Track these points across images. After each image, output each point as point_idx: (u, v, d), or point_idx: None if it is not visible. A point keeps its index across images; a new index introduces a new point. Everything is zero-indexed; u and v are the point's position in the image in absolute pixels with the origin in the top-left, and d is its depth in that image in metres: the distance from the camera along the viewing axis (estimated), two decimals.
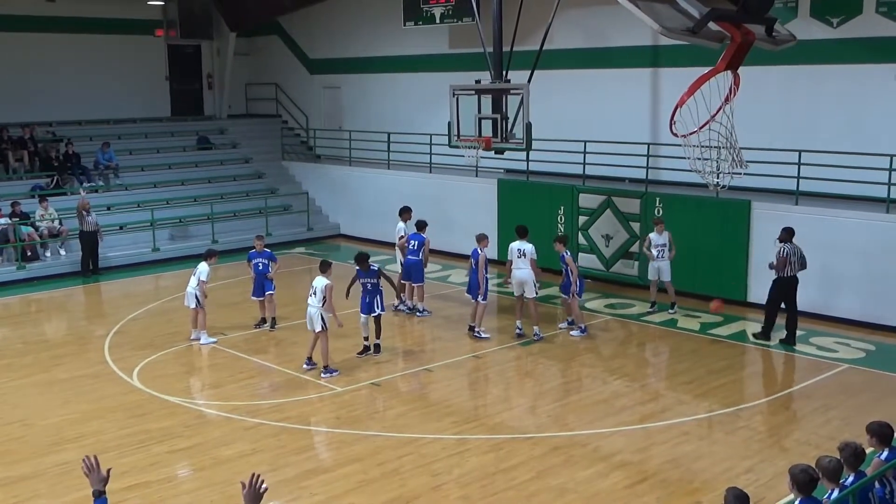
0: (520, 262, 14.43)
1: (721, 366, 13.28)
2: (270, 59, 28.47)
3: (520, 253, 14.44)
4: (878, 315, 14.32)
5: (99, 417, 11.36)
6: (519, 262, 14.44)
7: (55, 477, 9.67)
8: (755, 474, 9.46)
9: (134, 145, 24.74)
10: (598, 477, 9.53)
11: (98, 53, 25.17)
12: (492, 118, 15.54)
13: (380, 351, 13.69)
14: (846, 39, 15.85)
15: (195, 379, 13.19)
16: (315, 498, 9.14)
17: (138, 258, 20.89)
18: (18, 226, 19.39)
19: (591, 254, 18.35)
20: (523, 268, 14.37)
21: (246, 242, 22.40)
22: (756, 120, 15.15)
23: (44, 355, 14.27)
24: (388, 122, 23.89)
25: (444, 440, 10.53)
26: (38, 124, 23.27)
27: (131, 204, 22.29)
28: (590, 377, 12.92)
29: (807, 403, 11.72)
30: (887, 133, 15.37)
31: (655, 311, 15.91)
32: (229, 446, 10.38)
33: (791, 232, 13.95)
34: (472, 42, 17.29)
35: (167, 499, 9.15)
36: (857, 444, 7.21)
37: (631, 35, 18.44)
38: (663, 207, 17.18)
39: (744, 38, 11.02)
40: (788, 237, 13.93)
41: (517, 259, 14.46)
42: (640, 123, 18.69)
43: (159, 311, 16.72)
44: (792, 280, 13.90)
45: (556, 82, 18.89)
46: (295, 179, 25.97)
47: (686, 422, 11.06)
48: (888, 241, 14.28)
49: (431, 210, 20.64)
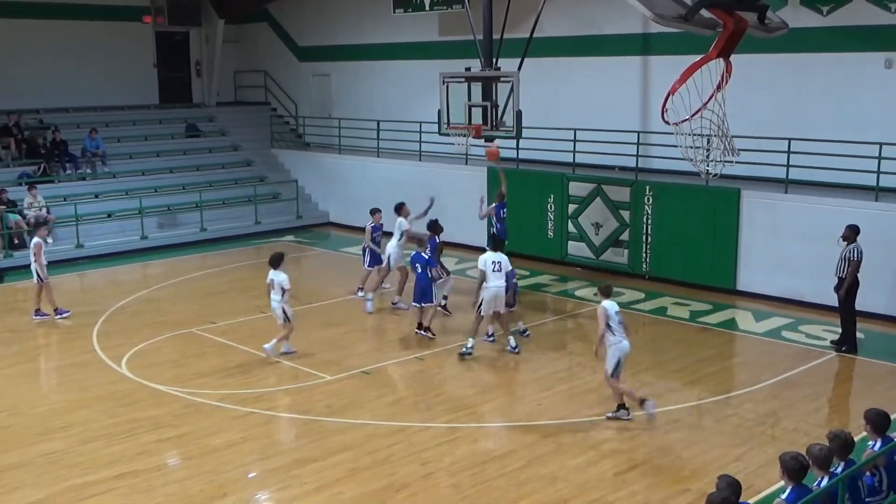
0: (495, 277, 13.02)
1: (711, 354, 13.31)
2: (259, 47, 28.30)
3: (496, 266, 13.09)
4: (865, 303, 14.33)
5: (87, 406, 11.29)
6: (494, 277, 13.01)
7: (42, 466, 9.61)
8: (745, 462, 9.49)
9: (122, 133, 24.58)
10: (588, 465, 9.54)
11: (86, 40, 24.95)
12: (482, 106, 15.48)
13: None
14: (836, 27, 15.85)
15: (184, 368, 13.12)
16: (305, 487, 9.11)
17: (126, 246, 20.76)
18: (6, 213, 19.24)
19: (580, 242, 18.35)
20: (500, 283, 13.00)
21: (234, 230, 22.43)
22: (745, 108, 15.13)
23: (31, 344, 14.19)
24: (378, 109, 23.80)
25: (435, 428, 10.52)
26: (25, 111, 23.09)
27: (119, 192, 22.15)
28: (580, 365, 12.91)
29: (796, 391, 11.75)
30: (876, 121, 15.41)
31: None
32: (219, 435, 10.34)
33: (857, 230, 13.03)
34: (461, 29, 17.22)
35: (156, 488, 9.10)
36: (846, 433, 7.24)
37: (621, 23, 18.41)
38: (653, 195, 17.18)
39: (736, 25, 10.99)
40: (854, 235, 12.97)
41: (492, 273, 13.00)
42: (631, 111, 18.67)
43: (147, 300, 16.64)
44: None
45: (546, 70, 18.84)
46: (284, 167, 25.86)
47: (676, 409, 11.08)
48: (877, 229, 14.30)
49: (421, 198, 20.61)
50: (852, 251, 12.92)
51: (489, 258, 13.12)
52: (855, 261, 12.89)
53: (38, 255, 14.97)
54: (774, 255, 15.66)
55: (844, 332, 13.28)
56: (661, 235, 17.12)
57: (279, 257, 13.07)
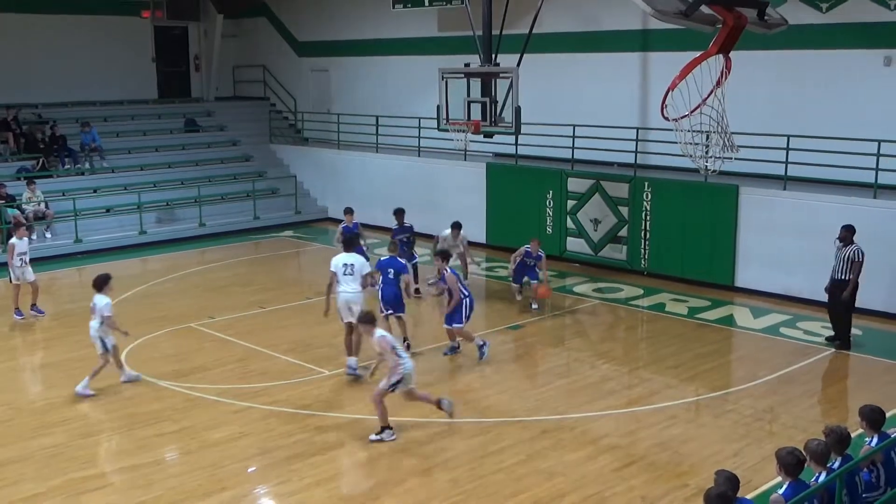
0: (346, 281, 11.85)
1: (708, 350, 13.33)
2: (258, 42, 28.28)
3: (347, 269, 11.88)
4: (863, 300, 14.35)
5: (86, 401, 11.30)
6: (345, 281, 11.85)
7: (42, 460, 9.62)
8: (743, 458, 9.51)
9: (120, 128, 24.58)
10: (586, 460, 9.56)
11: (84, 35, 24.91)
12: (481, 102, 15.49)
13: None
14: (835, 24, 15.85)
15: (183, 362, 13.13)
16: (304, 481, 9.13)
17: (125, 241, 20.77)
18: (4, 208, 19.24)
19: (579, 238, 18.37)
20: (352, 288, 11.84)
21: (233, 225, 22.44)
22: (744, 105, 15.13)
23: (30, 338, 14.19)
24: (377, 105, 23.78)
25: (433, 424, 10.53)
26: (24, 106, 23.07)
27: (118, 186, 22.16)
28: (578, 361, 12.94)
29: (794, 387, 11.78)
30: (875, 118, 15.40)
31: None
32: (217, 430, 10.35)
33: (853, 230, 12.96)
34: (461, 25, 17.21)
35: (155, 482, 9.11)
36: (842, 428, 7.26)
37: (621, 19, 18.41)
38: (651, 192, 17.20)
39: (736, 21, 10.98)
40: (851, 236, 12.86)
41: (343, 277, 11.84)
42: (630, 108, 18.68)
43: (146, 295, 16.64)
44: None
45: (545, 66, 18.83)
46: (283, 162, 25.86)
47: (674, 405, 11.10)
48: (875, 226, 14.33)
49: (420, 194, 20.65)
50: (856, 253, 12.84)
51: (341, 259, 11.96)
52: (859, 262, 12.84)
53: (11, 255, 14.64)
54: (773, 252, 15.68)
55: (838, 329, 13.28)
56: (660, 232, 17.14)
57: (103, 280, 11.66)
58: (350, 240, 12.87)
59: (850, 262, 12.86)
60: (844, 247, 12.94)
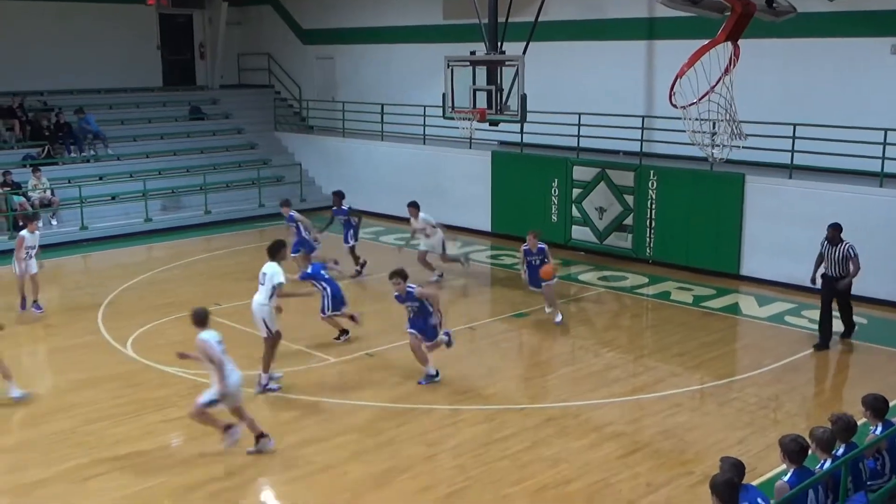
0: (259, 290, 10.97)
1: (713, 338, 13.34)
2: (263, 29, 28.22)
3: (260, 278, 10.95)
4: (870, 289, 14.35)
5: (93, 387, 11.36)
6: (259, 290, 10.97)
7: (49, 446, 9.68)
8: (747, 445, 9.53)
9: (126, 115, 24.58)
10: (591, 447, 9.59)
11: (90, 22, 24.85)
12: (486, 90, 15.48)
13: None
14: (843, 12, 15.77)
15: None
16: (311, 466, 9.17)
17: (130, 228, 20.81)
18: (10, 195, 19.27)
19: (584, 226, 18.35)
20: (259, 300, 11.01)
21: (238, 213, 22.45)
22: (750, 93, 15.08)
23: (37, 325, 14.23)
24: (382, 93, 23.74)
25: (438, 411, 10.57)
26: (29, 93, 23.07)
27: (123, 174, 22.19)
28: (583, 349, 12.96)
29: (799, 376, 11.79)
30: (882, 107, 15.34)
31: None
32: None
33: (840, 228, 12.74)
34: (466, 13, 17.16)
35: (161, 468, 9.16)
36: (848, 416, 7.28)
37: (627, 7, 18.35)
38: (657, 180, 17.17)
39: (744, 8, 10.93)
40: (839, 234, 12.62)
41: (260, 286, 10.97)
42: (635, 96, 18.62)
43: (152, 282, 16.68)
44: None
45: (551, 54, 18.77)
46: (288, 150, 25.85)
47: (678, 393, 11.12)
48: (881, 214, 14.31)
49: (425, 182, 20.64)
50: (850, 249, 12.56)
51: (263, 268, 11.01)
52: (857, 256, 12.58)
53: (19, 249, 14.44)
54: (778, 241, 15.66)
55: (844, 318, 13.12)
56: (665, 220, 17.12)
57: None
58: (274, 246, 11.31)
59: (845, 260, 12.60)
60: (834, 246, 12.69)
